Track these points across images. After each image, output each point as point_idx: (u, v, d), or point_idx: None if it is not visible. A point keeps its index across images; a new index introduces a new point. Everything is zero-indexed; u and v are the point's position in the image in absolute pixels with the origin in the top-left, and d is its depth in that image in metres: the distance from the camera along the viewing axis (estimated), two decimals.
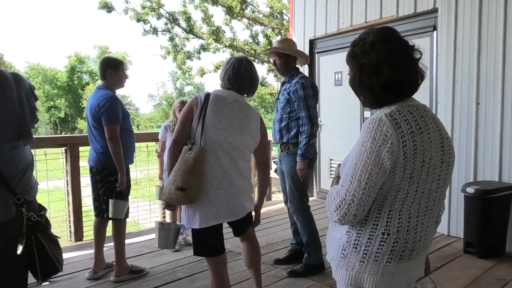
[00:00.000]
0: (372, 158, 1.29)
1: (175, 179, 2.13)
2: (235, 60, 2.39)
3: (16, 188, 1.81)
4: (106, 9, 18.02)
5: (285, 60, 3.45)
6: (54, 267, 1.97)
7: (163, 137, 4.24)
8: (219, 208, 2.23)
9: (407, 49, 1.37)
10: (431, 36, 4.56)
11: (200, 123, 2.22)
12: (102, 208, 3.30)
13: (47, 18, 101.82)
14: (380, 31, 1.39)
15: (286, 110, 3.39)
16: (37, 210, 1.95)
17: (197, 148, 2.16)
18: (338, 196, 1.34)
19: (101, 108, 3.12)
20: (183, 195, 2.11)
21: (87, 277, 3.39)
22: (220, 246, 2.34)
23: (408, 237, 1.35)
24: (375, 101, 1.41)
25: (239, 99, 2.36)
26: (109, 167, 3.20)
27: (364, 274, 1.36)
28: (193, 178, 2.12)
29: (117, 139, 3.14)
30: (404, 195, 1.32)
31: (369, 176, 1.29)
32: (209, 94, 2.32)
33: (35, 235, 1.87)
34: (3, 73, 1.81)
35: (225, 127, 2.25)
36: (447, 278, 3.32)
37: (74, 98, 47.67)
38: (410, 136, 1.29)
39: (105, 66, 3.26)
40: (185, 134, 2.27)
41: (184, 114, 2.29)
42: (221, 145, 2.23)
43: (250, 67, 2.41)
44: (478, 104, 4.10)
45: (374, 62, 1.35)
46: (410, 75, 1.37)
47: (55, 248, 1.99)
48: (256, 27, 19.08)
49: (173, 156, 2.24)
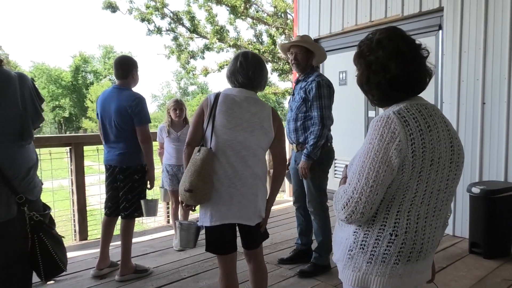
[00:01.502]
0: (380, 156, 1.27)
1: (184, 180, 2.17)
2: (242, 56, 2.34)
3: (18, 188, 1.81)
4: (110, 9, 18.05)
5: (306, 55, 3.37)
6: (57, 267, 1.97)
7: (160, 139, 4.27)
8: (230, 207, 2.21)
9: (414, 46, 1.37)
10: (436, 35, 4.54)
11: (210, 124, 2.22)
12: (120, 207, 3.29)
13: (52, 18, 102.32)
14: (386, 30, 1.39)
15: (302, 110, 3.32)
16: (40, 210, 1.94)
17: (204, 150, 2.17)
18: (345, 194, 1.33)
19: (133, 109, 3.14)
20: (191, 196, 2.14)
21: (92, 274, 3.40)
22: (231, 245, 2.31)
23: (417, 238, 1.33)
24: (383, 99, 1.40)
25: (249, 96, 2.31)
26: (133, 166, 3.24)
27: (371, 275, 1.35)
28: (200, 179, 2.13)
29: (150, 138, 3.25)
30: (413, 194, 1.31)
31: (376, 174, 1.27)
32: (219, 94, 2.30)
33: (38, 235, 1.87)
34: (8, 72, 1.81)
35: (234, 126, 2.22)
36: (452, 278, 3.30)
37: (78, 98, 47.88)
38: (418, 133, 1.28)
39: (129, 66, 3.28)
40: (198, 136, 2.28)
41: (196, 117, 2.29)
42: (231, 145, 2.22)
43: (255, 59, 2.35)
44: (484, 104, 4.08)
45: (381, 59, 1.34)
46: (417, 71, 1.36)
47: (59, 248, 1.99)
48: (260, 27, 19.05)
49: (187, 158, 2.26)
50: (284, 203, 6.18)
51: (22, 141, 1.83)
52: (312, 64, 3.42)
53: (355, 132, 5.46)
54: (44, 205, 2.01)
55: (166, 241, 4.36)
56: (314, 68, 3.45)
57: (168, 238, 4.44)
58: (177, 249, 4.05)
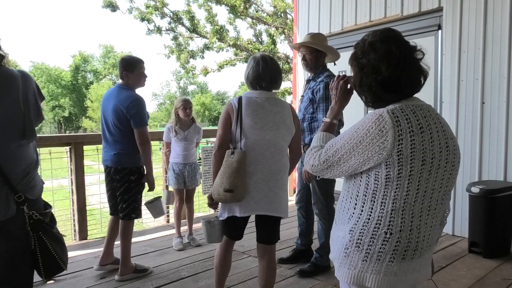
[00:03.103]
0: (354, 143, 1.37)
1: (222, 181, 2.33)
2: (262, 62, 2.49)
3: (18, 186, 1.81)
4: (110, 8, 18.04)
5: (316, 56, 3.33)
6: (57, 266, 1.97)
7: (167, 138, 4.24)
8: (257, 200, 2.40)
9: (407, 48, 1.39)
10: (436, 35, 4.54)
11: (238, 127, 2.40)
12: (118, 207, 3.30)
13: (52, 17, 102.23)
14: (380, 32, 1.42)
15: (309, 110, 3.31)
16: (41, 209, 1.93)
17: (238, 151, 2.35)
18: (321, 148, 1.49)
19: (129, 110, 3.09)
20: (231, 196, 2.32)
21: (95, 268, 3.43)
22: (240, 234, 2.57)
23: (411, 236, 1.35)
24: (376, 100, 1.44)
25: (269, 97, 2.49)
26: (129, 167, 3.21)
27: (366, 273, 1.37)
28: (238, 179, 2.32)
29: (149, 141, 3.22)
30: (405, 193, 1.33)
31: (345, 152, 1.39)
32: (241, 98, 2.46)
33: (37, 234, 1.87)
34: (11, 71, 1.81)
35: (261, 127, 2.41)
36: (451, 278, 3.30)
37: (78, 97, 47.90)
38: (408, 134, 1.31)
39: (121, 67, 3.22)
40: (227, 139, 2.44)
41: (223, 121, 2.45)
42: (260, 143, 2.41)
43: (273, 63, 2.53)
44: (483, 103, 4.08)
45: (373, 62, 1.38)
46: (409, 74, 1.38)
47: (59, 246, 1.99)
48: (259, 26, 19.03)
49: (218, 160, 2.41)
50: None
51: (24, 139, 1.83)
52: (323, 63, 3.39)
53: None
54: (46, 204, 2.01)
55: (166, 240, 4.36)
56: (325, 67, 3.40)
57: (168, 237, 4.45)
58: (177, 249, 4.06)
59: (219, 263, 2.58)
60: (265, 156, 2.41)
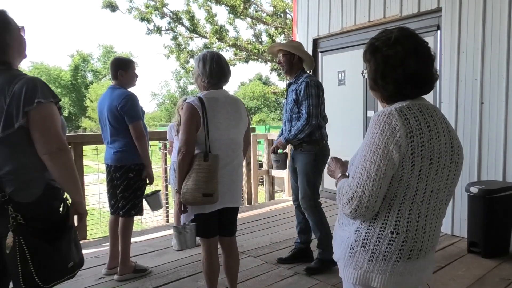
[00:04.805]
0: (381, 150, 1.29)
1: (198, 186, 2.33)
2: (216, 58, 2.49)
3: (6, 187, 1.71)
4: (110, 8, 18.06)
5: (288, 58, 3.49)
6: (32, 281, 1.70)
7: (170, 137, 4.34)
8: (222, 194, 2.45)
9: (427, 47, 1.40)
10: (435, 35, 4.55)
11: (205, 129, 2.40)
12: (119, 205, 3.31)
13: (51, 17, 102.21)
14: (401, 29, 1.41)
15: (295, 111, 3.44)
16: (41, 215, 1.79)
17: (212, 156, 2.37)
18: (349, 188, 1.34)
19: (122, 107, 3.16)
20: (211, 199, 2.37)
21: (103, 273, 3.43)
22: (215, 230, 2.57)
23: (417, 236, 1.35)
24: (395, 95, 1.40)
25: (226, 95, 2.55)
26: (127, 165, 3.24)
27: (372, 273, 1.36)
28: (215, 182, 2.36)
29: (144, 135, 3.26)
30: (413, 193, 1.32)
31: (378, 167, 1.29)
32: (201, 99, 2.43)
33: (18, 239, 1.69)
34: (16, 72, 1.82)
35: (226, 126, 2.47)
36: (450, 277, 3.31)
37: (78, 97, 47.85)
38: (418, 132, 1.30)
39: (116, 67, 3.30)
40: (193, 142, 2.42)
41: (188, 124, 2.39)
42: (226, 143, 2.47)
43: (224, 59, 2.55)
44: (482, 104, 4.09)
45: (400, 54, 1.36)
46: (432, 71, 1.39)
47: (46, 262, 1.74)
48: (259, 26, 19.03)
49: (187, 163, 2.38)
50: (283, 202, 6.19)
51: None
52: (300, 66, 3.55)
53: (353, 132, 5.46)
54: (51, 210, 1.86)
55: (165, 240, 4.36)
56: (304, 70, 3.57)
57: (167, 237, 4.44)
58: (176, 249, 4.05)
59: (208, 268, 2.58)
60: (229, 154, 2.48)
